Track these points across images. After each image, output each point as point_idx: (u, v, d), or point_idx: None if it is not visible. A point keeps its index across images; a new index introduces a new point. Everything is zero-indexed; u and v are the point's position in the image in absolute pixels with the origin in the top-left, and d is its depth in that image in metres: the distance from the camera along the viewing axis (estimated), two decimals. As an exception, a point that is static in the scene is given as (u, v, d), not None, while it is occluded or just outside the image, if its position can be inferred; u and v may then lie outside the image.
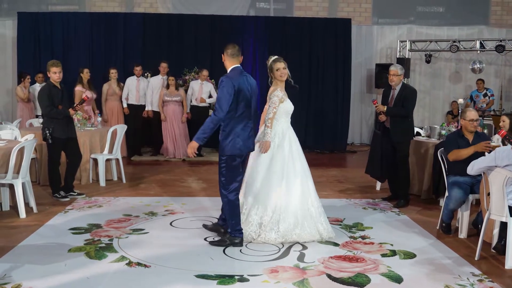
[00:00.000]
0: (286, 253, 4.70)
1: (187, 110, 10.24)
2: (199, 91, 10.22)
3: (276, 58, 5.12)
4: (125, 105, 10.04)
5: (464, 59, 13.02)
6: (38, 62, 11.30)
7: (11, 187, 5.93)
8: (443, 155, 5.64)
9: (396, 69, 6.43)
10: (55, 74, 6.41)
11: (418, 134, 7.81)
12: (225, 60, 4.81)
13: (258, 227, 4.98)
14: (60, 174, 6.70)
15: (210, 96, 10.32)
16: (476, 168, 4.67)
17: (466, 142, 5.43)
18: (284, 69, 5.06)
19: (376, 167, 6.94)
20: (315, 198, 5.14)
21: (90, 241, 4.97)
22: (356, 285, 4.01)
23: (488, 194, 4.58)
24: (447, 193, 5.41)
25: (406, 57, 12.30)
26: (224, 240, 4.87)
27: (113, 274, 4.16)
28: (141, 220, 5.76)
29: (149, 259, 4.48)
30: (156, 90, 10.13)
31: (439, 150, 5.74)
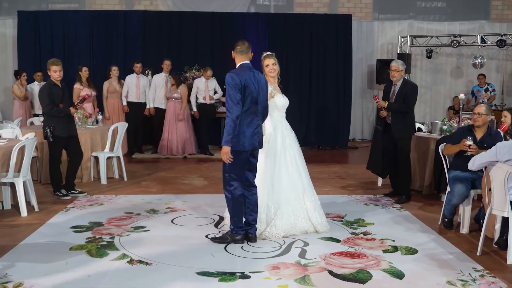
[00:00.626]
0: (288, 250, 4.69)
1: (194, 109, 10.21)
2: (206, 89, 10.20)
3: (266, 55, 5.14)
4: (125, 103, 10.03)
5: (465, 54, 12.99)
6: (39, 61, 11.32)
7: (13, 186, 5.93)
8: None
9: (397, 65, 6.42)
10: (56, 73, 6.41)
11: (420, 130, 7.79)
12: (235, 57, 4.79)
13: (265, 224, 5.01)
14: (61, 173, 6.71)
15: (216, 92, 10.34)
16: (477, 164, 4.66)
17: (472, 138, 5.31)
18: (274, 65, 5.08)
19: (378, 163, 6.92)
20: (310, 191, 5.15)
21: (92, 239, 4.97)
22: (358, 281, 4.00)
23: (490, 190, 4.57)
24: (449, 189, 5.39)
25: (407, 53, 12.27)
26: (226, 238, 4.87)
27: (115, 272, 4.16)
28: (143, 218, 5.76)
29: (151, 257, 4.48)
30: (159, 88, 10.12)
31: (440, 145, 5.72)
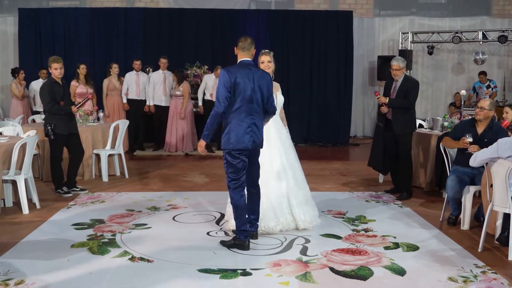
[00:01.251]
0: (289, 247, 4.69)
1: (200, 103, 10.24)
2: (214, 87, 10.13)
3: (262, 52, 5.12)
4: (125, 101, 10.01)
5: (467, 50, 12.96)
6: (40, 58, 11.33)
7: (14, 183, 5.94)
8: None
9: (399, 63, 6.37)
10: (56, 70, 6.40)
11: (421, 126, 7.78)
12: (237, 54, 4.67)
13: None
14: (63, 170, 6.72)
15: None
16: (479, 160, 4.65)
17: (473, 133, 5.31)
18: (269, 62, 5.03)
19: (379, 160, 6.92)
20: (295, 186, 5.09)
21: (93, 237, 4.97)
22: (359, 278, 4.01)
23: (491, 186, 4.56)
24: (447, 183, 5.41)
25: (408, 49, 12.25)
26: (230, 241, 4.76)
27: (116, 269, 4.16)
28: (144, 215, 5.76)
29: (152, 254, 4.48)
30: (158, 85, 10.11)
31: (441, 141, 5.72)
